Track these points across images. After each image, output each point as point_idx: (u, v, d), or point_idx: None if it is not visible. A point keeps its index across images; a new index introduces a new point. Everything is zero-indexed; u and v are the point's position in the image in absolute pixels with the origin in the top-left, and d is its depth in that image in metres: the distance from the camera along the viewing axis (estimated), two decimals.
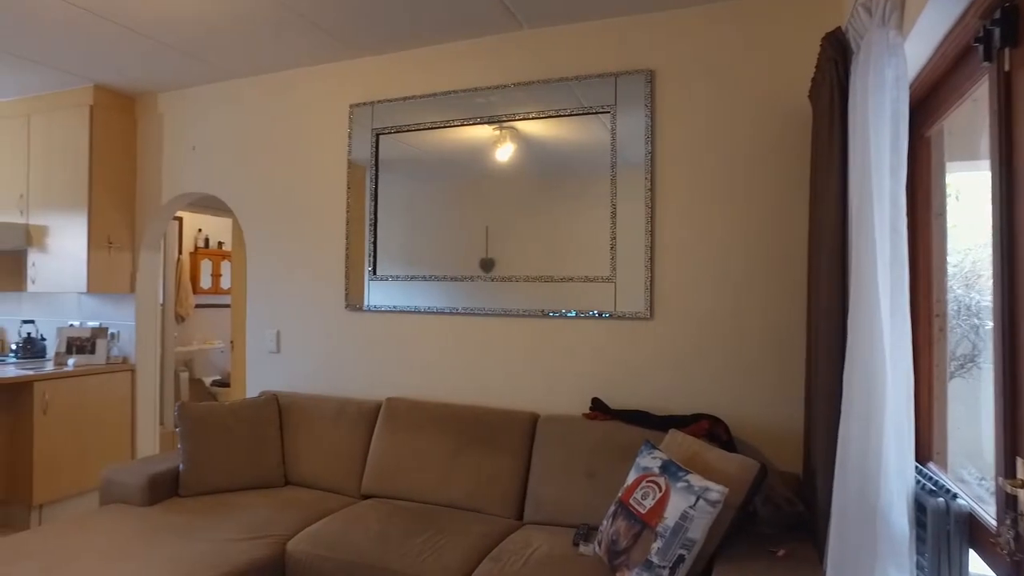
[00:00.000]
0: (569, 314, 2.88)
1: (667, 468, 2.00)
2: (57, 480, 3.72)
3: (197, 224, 6.52)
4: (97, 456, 3.90)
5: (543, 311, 2.94)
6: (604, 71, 2.85)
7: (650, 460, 2.08)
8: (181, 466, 2.88)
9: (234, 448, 2.97)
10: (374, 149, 3.35)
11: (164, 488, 2.83)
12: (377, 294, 3.32)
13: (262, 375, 3.63)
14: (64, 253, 3.96)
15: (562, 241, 2.93)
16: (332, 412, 3.13)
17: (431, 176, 3.23)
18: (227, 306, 6.81)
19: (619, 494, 2.12)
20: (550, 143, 2.96)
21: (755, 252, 2.59)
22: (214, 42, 3.25)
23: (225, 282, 6.80)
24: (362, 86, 3.39)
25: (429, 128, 3.22)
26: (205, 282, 6.63)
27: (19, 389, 3.66)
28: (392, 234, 3.31)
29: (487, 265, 3.07)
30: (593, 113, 2.87)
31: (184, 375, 6.14)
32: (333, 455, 3.02)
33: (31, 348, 4.32)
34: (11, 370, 3.77)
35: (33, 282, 4.12)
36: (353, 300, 3.38)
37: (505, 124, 3.06)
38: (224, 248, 6.81)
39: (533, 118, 2.99)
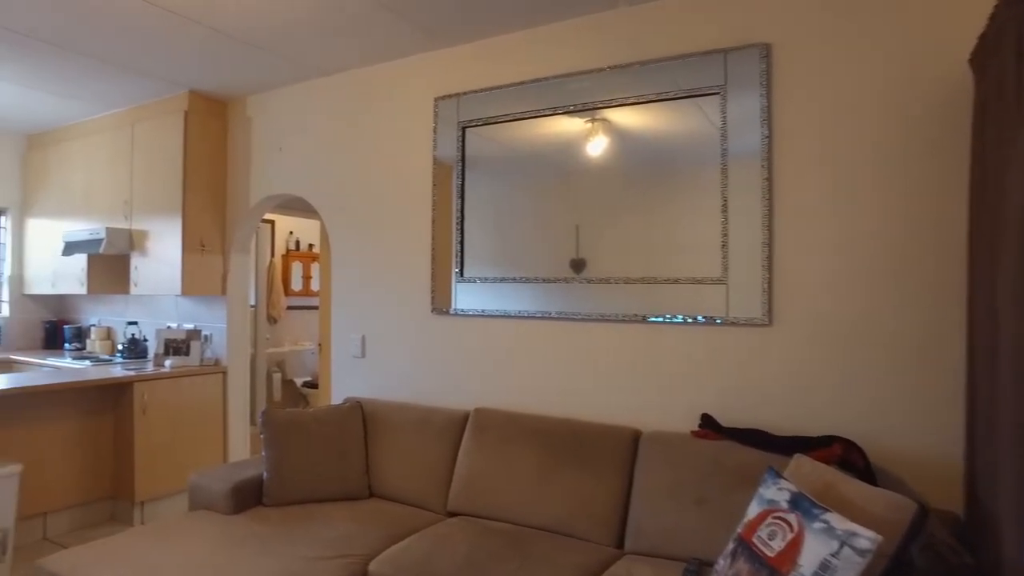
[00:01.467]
0: (675, 319, 2.60)
1: (798, 503, 1.70)
2: (156, 478, 3.78)
3: (288, 227, 6.62)
4: (191, 456, 3.94)
5: (643, 316, 2.67)
6: (711, 48, 2.54)
7: (776, 491, 1.78)
8: (265, 474, 2.80)
9: (317, 457, 2.87)
10: (460, 143, 3.18)
11: (248, 496, 2.76)
12: (464, 297, 3.15)
13: (346, 380, 3.54)
14: (162, 256, 4.04)
15: (662, 240, 2.65)
16: (417, 421, 2.98)
17: (519, 173, 3.02)
18: (317, 308, 6.91)
19: (739, 529, 1.83)
20: (646, 134, 2.69)
21: (895, 247, 2.22)
22: (300, 40, 3.18)
23: (316, 284, 6.88)
24: (447, 78, 3.23)
25: (517, 119, 3.01)
26: (296, 284, 6.73)
27: (122, 389, 3.74)
28: (479, 234, 3.13)
29: (578, 266, 2.84)
30: (698, 95, 2.57)
31: (276, 376, 6.24)
32: (418, 467, 2.87)
33: (135, 349, 4.45)
34: (117, 370, 3.87)
35: (136, 285, 4.23)
36: (439, 303, 3.22)
37: (598, 117, 2.81)
38: (314, 250, 6.89)
39: (632, 103, 2.72)
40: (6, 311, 5.16)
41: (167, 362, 3.99)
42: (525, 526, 2.52)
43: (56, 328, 5.19)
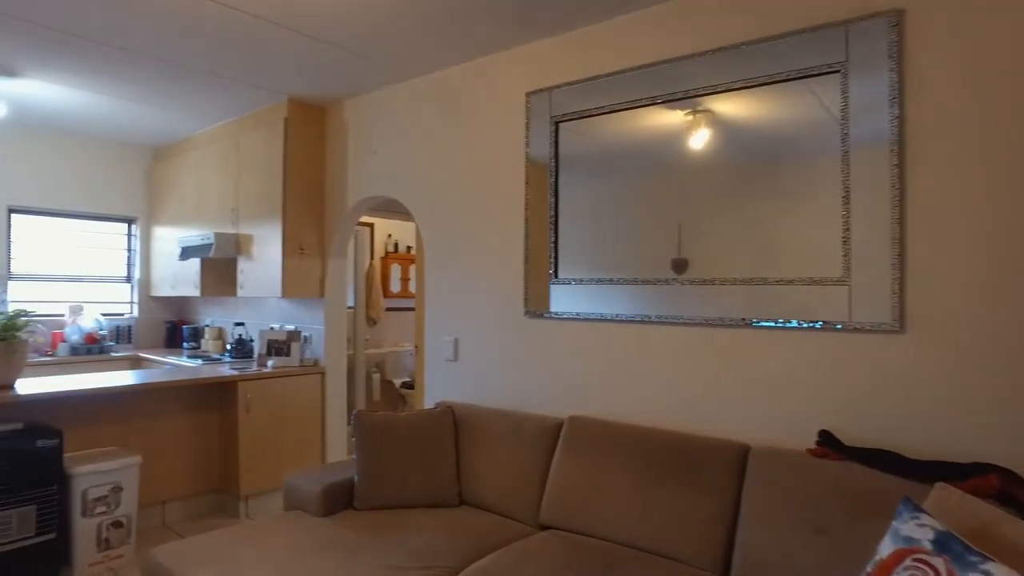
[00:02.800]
0: (787, 324, 2.34)
1: (946, 545, 1.44)
2: (259, 475, 3.90)
3: (387, 230, 6.73)
4: (291, 454, 4.04)
5: (750, 320, 2.43)
6: (829, 20, 2.27)
7: (915, 527, 1.52)
8: (356, 477, 2.79)
9: (408, 462, 2.83)
10: (553, 139, 3.05)
11: (339, 499, 2.75)
12: (559, 300, 3.02)
13: (439, 384, 3.50)
14: (265, 260, 4.17)
15: (773, 237, 2.40)
16: (510, 428, 2.87)
17: (616, 169, 2.85)
18: (414, 309, 6.99)
19: (868, 568, 1.59)
20: (752, 123, 2.45)
21: None
22: (393, 43, 3.17)
23: (413, 286, 6.95)
24: (539, 72, 3.11)
25: (612, 111, 2.84)
26: (395, 286, 6.83)
27: (228, 388, 3.89)
28: (574, 234, 2.99)
29: (680, 266, 2.63)
30: (813, 75, 2.31)
31: (376, 376, 6.35)
32: (510, 476, 2.76)
33: (241, 348, 4.63)
34: (224, 369, 4.03)
35: (242, 287, 4.40)
36: (533, 306, 3.10)
37: (699, 108, 2.59)
38: (412, 253, 6.97)
39: (737, 87, 2.48)
40: (136, 312, 5.55)
41: (269, 362, 4.11)
42: (622, 544, 2.35)
43: (176, 328, 5.53)
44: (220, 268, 4.79)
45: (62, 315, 5.02)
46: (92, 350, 4.86)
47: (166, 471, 3.71)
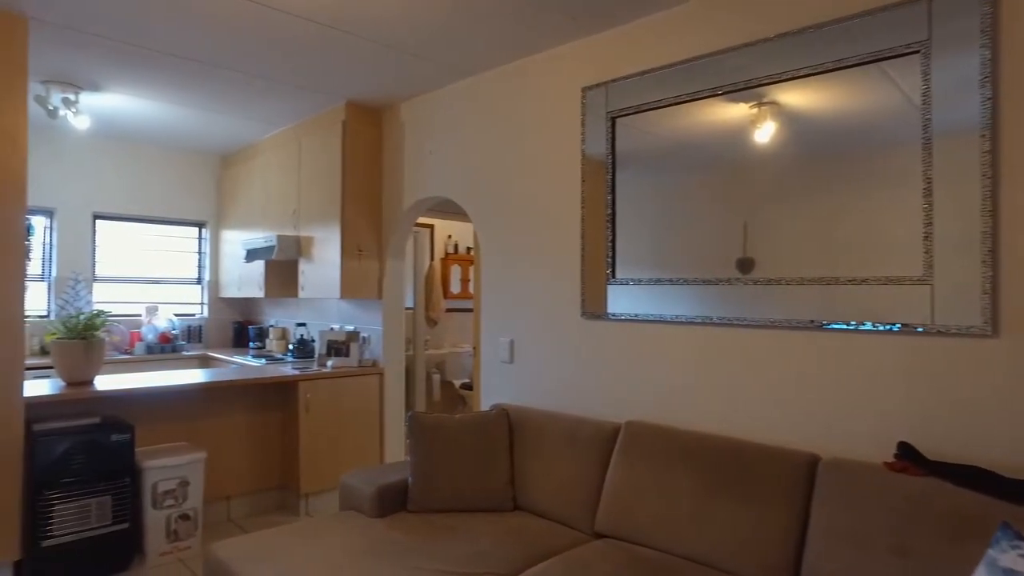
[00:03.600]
0: (861, 326, 2.18)
1: None
2: (318, 474, 3.95)
3: (447, 231, 6.76)
4: (350, 454, 4.08)
5: (820, 322, 2.27)
6: None
7: (1018, 559, 1.36)
8: (409, 479, 2.77)
9: (462, 465, 2.79)
10: (609, 135, 2.96)
11: (393, 500, 2.74)
12: (616, 300, 2.92)
13: (495, 386, 3.45)
14: (324, 261, 4.23)
15: (845, 233, 2.23)
16: (565, 433, 2.80)
17: (676, 166, 2.73)
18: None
19: None
20: (823, 115, 2.29)
21: None
22: (448, 42, 3.14)
23: (472, 287, 6.95)
24: (594, 66, 3.02)
25: (671, 104, 2.73)
26: (455, 287, 6.85)
27: (289, 387, 3.96)
28: (633, 232, 2.88)
29: (745, 266, 2.49)
30: (889, 58, 2.13)
31: (436, 377, 6.38)
32: (564, 481, 2.68)
33: (303, 349, 4.72)
34: (286, 369, 4.11)
35: (303, 289, 4.49)
36: (590, 307, 3.02)
37: (764, 101, 2.45)
38: (472, 254, 6.97)
39: (803, 75, 2.33)
40: (206, 312, 5.76)
41: (328, 362, 4.17)
42: (679, 556, 2.24)
43: (242, 328, 5.70)
44: (283, 270, 4.90)
45: (140, 315, 5.25)
46: (165, 349, 5.06)
47: (230, 467, 3.81)
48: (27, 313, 4.78)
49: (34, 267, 4.96)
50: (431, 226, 6.54)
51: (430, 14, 2.87)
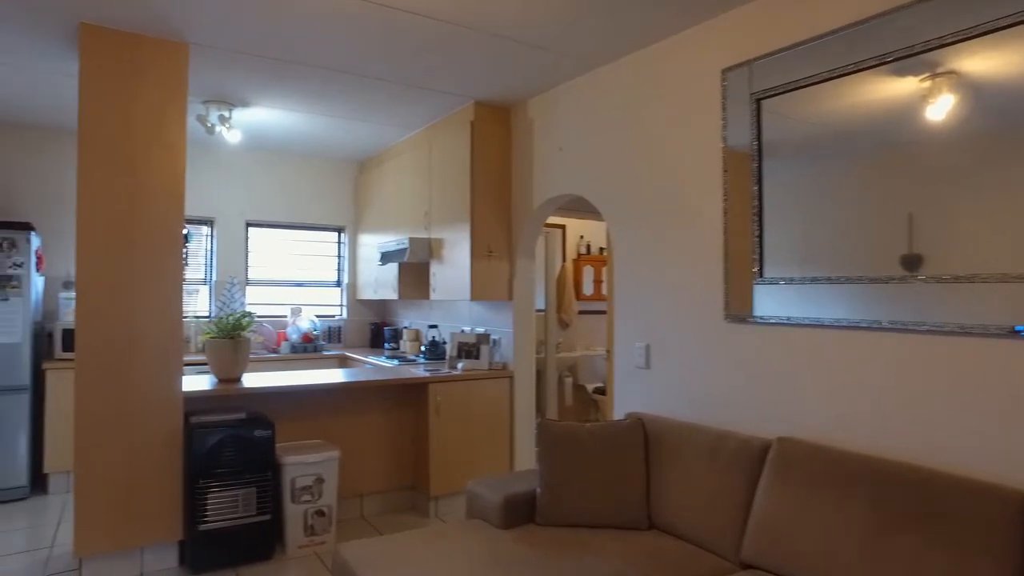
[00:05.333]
0: None
1: None
2: (448, 476, 3.93)
3: (579, 231, 6.60)
4: (480, 458, 4.03)
5: (1016, 327, 1.87)
6: None
7: None
8: (538, 490, 2.64)
9: (594, 477, 2.61)
10: (754, 119, 2.66)
11: (520, 511, 2.62)
12: (765, 302, 2.62)
13: (629, 393, 3.24)
14: (454, 263, 4.22)
15: None
16: (707, 447, 2.54)
17: (831, 151, 2.40)
18: (607, 312, 6.79)
19: None
20: (1016, 80, 1.88)
21: None
22: (575, 32, 3.00)
23: (606, 288, 6.74)
24: (735, 44, 2.74)
25: (826, 79, 2.40)
26: (587, 288, 6.68)
27: (420, 389, 3.98)
28: (783, 226, 2.57)
29: (911, 263, 2.12)
30: None
31: (568, 380, 6.23)
32: (705, 501, 2.43)
33: (435, 351, 4.76)
34: (418, 371, 4.14)
35: (434, 291, 4.51)
36: (734, 309, 2.73)
37: (939, 72, 2.07)
38: (605, 254, 6.77)
39: (992, 30, 1.93)
40: (345, 314, 6.00)
41: (459, 364, 4.15)
42: None
43: (378, 329, 5.88)
44: (415, 272, 4.97)
45: (285, 316, 5.57)
46: (307, 348, 5.31)
47: (363, 466, 3.89)
48: (194, 314, 5.30)
49: (198, 272, 5.41)
50: (563, 226, 6.42)
51: (553, 3, 2.73)
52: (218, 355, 3.40)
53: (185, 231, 3.26)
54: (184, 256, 3.20)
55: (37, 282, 4.46)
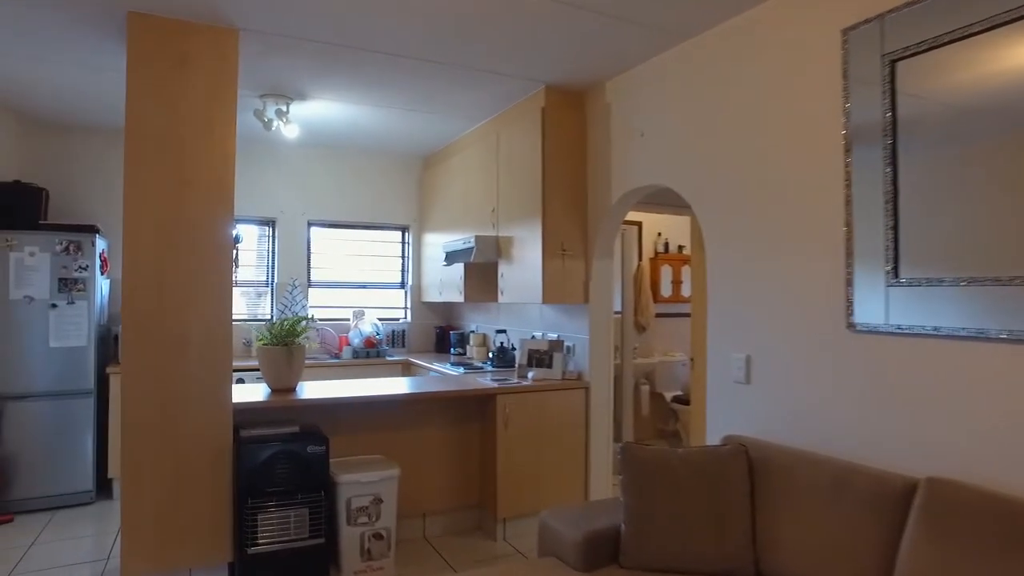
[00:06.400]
0: None
1: None
2: (517, 497, 3.59)
3: (656, 227, 6.14)
4: (551, 478, 3.68)
5: None
6: None
7: None
8: (623, 527, 2.26)
9: (689, 514, 2.21)
10: (887, 86, 2.19)
11: (602, 551, 2.25)
12: (901, 307, 2.15)
13: (725, 412, 2.81)
14: (524, 263, 3.88)
15: None
16: (828, 482, 2.09)
17: (990, 123, 1.91)
18: (688, 315, 6.28)
19: None
20: None
21: None
22: None
23: (686, 289, 6.26)
24: None
25: (985, 30, 1.91)
26: (665, 289, 6.21)
27: (487, 400, 3.65)
28: (925, 216, 2.10)
29: None
30: None
31: (644, 388, 5.79)
32: (829, 549, 1.99)
33: (503, 357, 4.43)
34: (484, 380, 3.81)
35: (502, 293, 4.18)
36: (860, 316, 2.27)
37: None
38: (684, 252, 6.28)
39: None
40: (409, 317, 5.76)
41: (529, 374, 3.80)
42: None
43: (444, 333, 5.60)
44: (482, 273, 4.66)
45: (348, 319, 5.36)
46: (370, 353, 5.08)
47: (426, 482, 3.59)
48: (256, 318, 5.17)
49: (259, 274, 5.28)
50: (638, 223, 5.97)
51: None
52: (271, 363, 3.17)
53: (235, 232, 3.05)
54: (234, 257, 2.98)
55: (102, 285, 4.40)
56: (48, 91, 3.95)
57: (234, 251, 3.00)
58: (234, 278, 3.15)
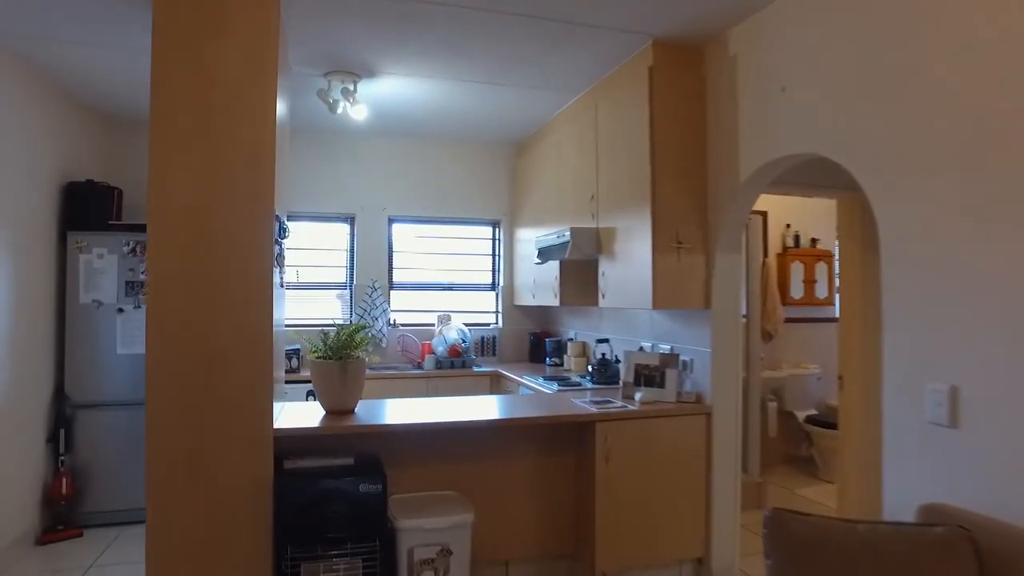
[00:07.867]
0: None
1: None
2: (620, 547, 2.91)
3: (784, 218, 5.23)
4: (663, 522, 2.98)
5: None
6: None
7: None
8: None
9: None
10: None
11: None
12: None
13: (912, 464, 2.00)
14: (630, 259, 3.19)
15: None
16: None
17: None
18: (823, 320, 5.34)
19: None
20: None
21: None
22: None
23: (820, 290, 5.31)
24: None
25: None
26: (795, 291, 5.28)
27: (585, 427, 2.99)
28: None
29: None
30: None
31: (772, 405, 4.91)
32: None
33: (604, 371, 3.76)
34: (582, 402, 3.13)
35: (603, 296, 3.51)
36: None
37: None
38: (819, 247, 5.33)
39: None
40: (500, 322, 5.18)
41: (636, 395, 3.10)
42: None
43: (539, 341, 4.97)
44: (580, 271, 3.99)
45: (432, 325, 4.85)
46: (455, 363, 4.54)
47: (508, 524, 2.96)
48: (333, 322, 4.76)
49: (337, 275, 4.88)
50: (763, 213, 5.09)
51: None
52: (324, 380, 2.67)
53: (280, 223, 2.57)
54: (278, 254, 2.51)
55: None
56: (122, 85, 3.71)
57: (278, 247, 2.52)
58: (280, 279, 2.69)
